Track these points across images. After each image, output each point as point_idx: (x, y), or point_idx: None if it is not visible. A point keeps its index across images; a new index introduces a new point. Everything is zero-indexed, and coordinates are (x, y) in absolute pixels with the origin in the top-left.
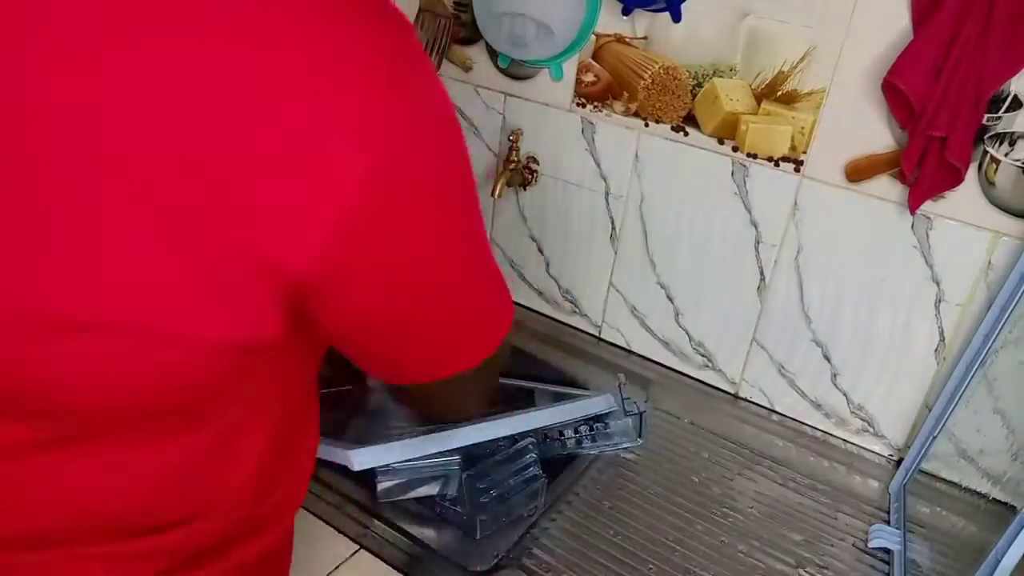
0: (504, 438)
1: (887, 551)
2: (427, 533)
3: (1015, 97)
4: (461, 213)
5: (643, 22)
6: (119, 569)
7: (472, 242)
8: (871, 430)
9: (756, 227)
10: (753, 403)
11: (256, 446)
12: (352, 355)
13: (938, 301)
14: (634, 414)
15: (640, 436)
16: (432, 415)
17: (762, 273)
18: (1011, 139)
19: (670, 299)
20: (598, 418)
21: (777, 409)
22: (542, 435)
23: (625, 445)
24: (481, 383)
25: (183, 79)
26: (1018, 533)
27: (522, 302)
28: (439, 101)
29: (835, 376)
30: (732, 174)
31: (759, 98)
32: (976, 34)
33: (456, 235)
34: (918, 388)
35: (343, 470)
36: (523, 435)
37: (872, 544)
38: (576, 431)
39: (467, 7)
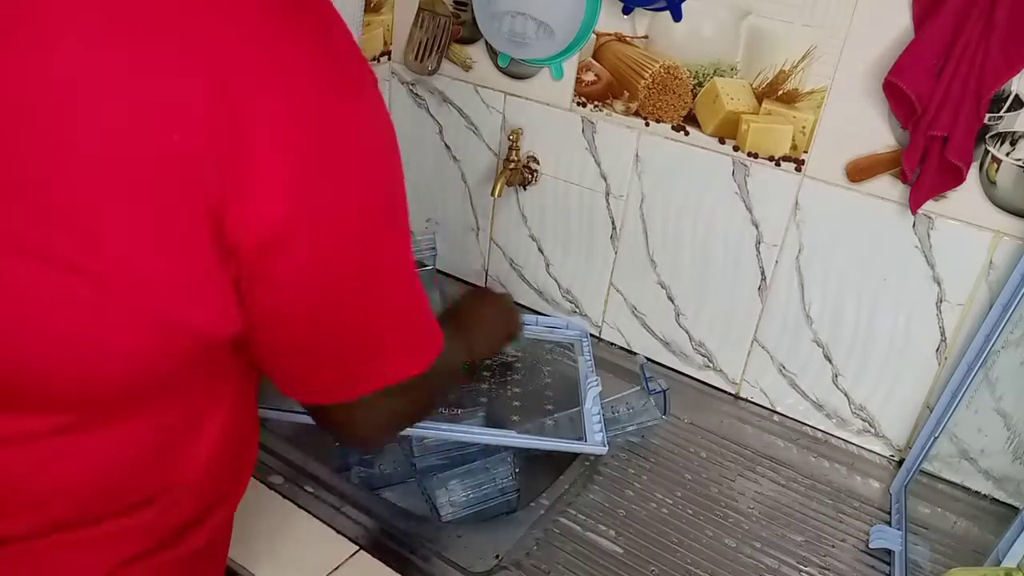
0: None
1: (888, 551)
2: (427, 534)
3: (1016, 97)
4: (387, 228)
5: (644, 21)
6: (87, 556)
7: (397, 257)
8: (872, 430)
9: (757, 227)
10: (754, 403)
11: (214, 432)
12: (271, 367)
13: (939, 301)
14: (657, 392)
15: (665, 413)
16: (337, 436)
17: (763, 273)
18: (1012, 139)
19: (670, 299)
20: (610, 405)
21: (778, 409)
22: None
23: (650, 423)
24: (381, 412)
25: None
26: (1019, 533)
27: (522, 302)
28: (374, 121)
29: (836, 376)
30: (733, 174)
31: (760, 97)
32: (977, 34)
33: (382, 248)
34: (919, 388)
35: (342, 470)
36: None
37: (873, 544)
38: None
39: (467, 6)
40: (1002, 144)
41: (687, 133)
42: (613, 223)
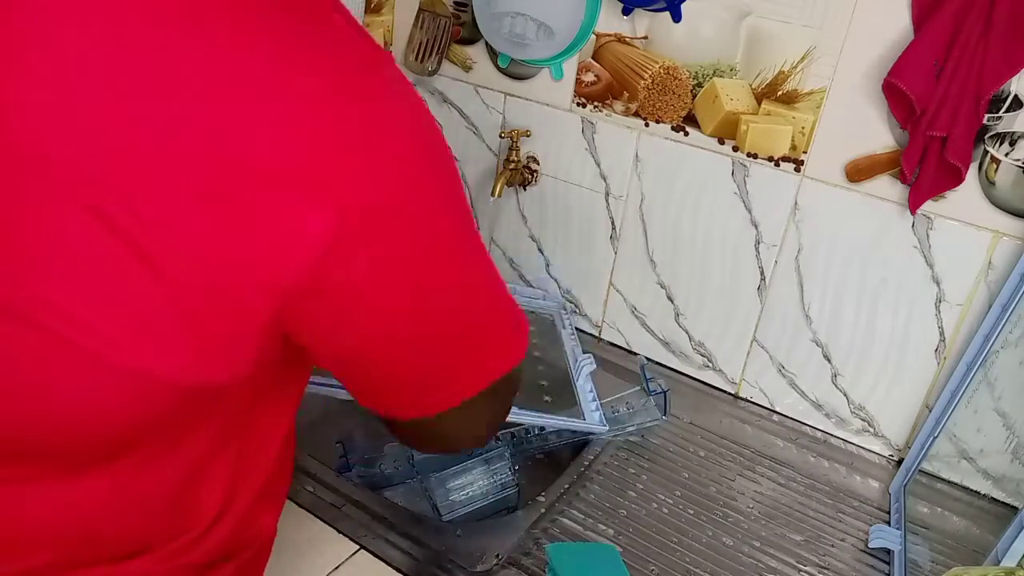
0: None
1: (887, 551)
2: (427, 533)
3: (1015, 97)
4: (451, 234)
5: (643, 22)
6: None
7: (468, 265)
8: (871, 430)
9: (756, 227)
10: (753, 403)
11: (222, 478)
12: (350, 385)
13: (938, 301)
14: (658, 393)
15: (665, 414)
16: (426, 447)
17: (762, 273)
18: (1011, 139)
19: (670, 299)
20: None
21: (777, 409)
22: (537, 429)
23: (649, 423)
24: (481, 413)
25: (164, 84)
26: (1018, 533)
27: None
28: (414, 121)
29: (835, 376)
30: (732, 174)
31: (759, 98)
32: (976, 34)
33: (448, 257)
34: (918, 388)
35: (343, 470)
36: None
37: (872, 544)
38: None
39: (467, 7)
40: (1001, 144)
41: (687, 133)
42: (613, 223)
